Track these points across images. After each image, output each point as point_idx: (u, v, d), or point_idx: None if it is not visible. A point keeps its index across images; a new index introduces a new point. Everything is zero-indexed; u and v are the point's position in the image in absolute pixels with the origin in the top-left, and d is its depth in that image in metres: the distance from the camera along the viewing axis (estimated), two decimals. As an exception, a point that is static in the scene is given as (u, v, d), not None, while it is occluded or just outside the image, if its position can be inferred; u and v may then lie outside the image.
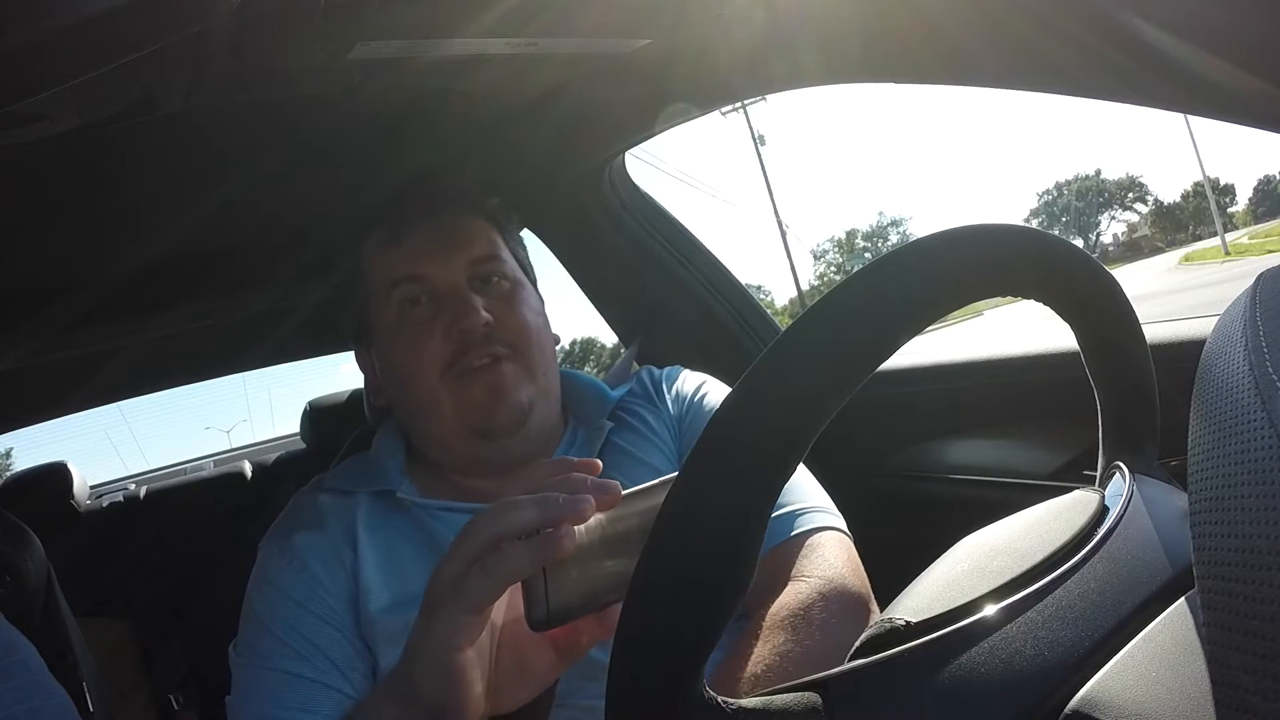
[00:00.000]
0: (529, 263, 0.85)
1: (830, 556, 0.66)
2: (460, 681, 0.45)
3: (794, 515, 0.69)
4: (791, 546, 0.67)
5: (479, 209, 0.82)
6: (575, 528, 0.43)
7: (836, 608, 0.61)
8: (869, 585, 0.65)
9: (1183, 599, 0.30)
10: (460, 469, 0.76)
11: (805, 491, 0.72)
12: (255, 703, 0.62)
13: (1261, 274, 0.28)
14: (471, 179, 1.09)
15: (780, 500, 0.69)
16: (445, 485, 0.76)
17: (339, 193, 1.07)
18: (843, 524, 0.70)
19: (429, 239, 0.77)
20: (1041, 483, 0.89)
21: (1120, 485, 0.39)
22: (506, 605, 0.48)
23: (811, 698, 0.31)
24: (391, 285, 0.76)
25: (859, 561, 0.67)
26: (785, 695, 0.31)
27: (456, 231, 0.78)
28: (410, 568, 0.69)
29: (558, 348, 0.83)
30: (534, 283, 0.84)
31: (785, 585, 0.64)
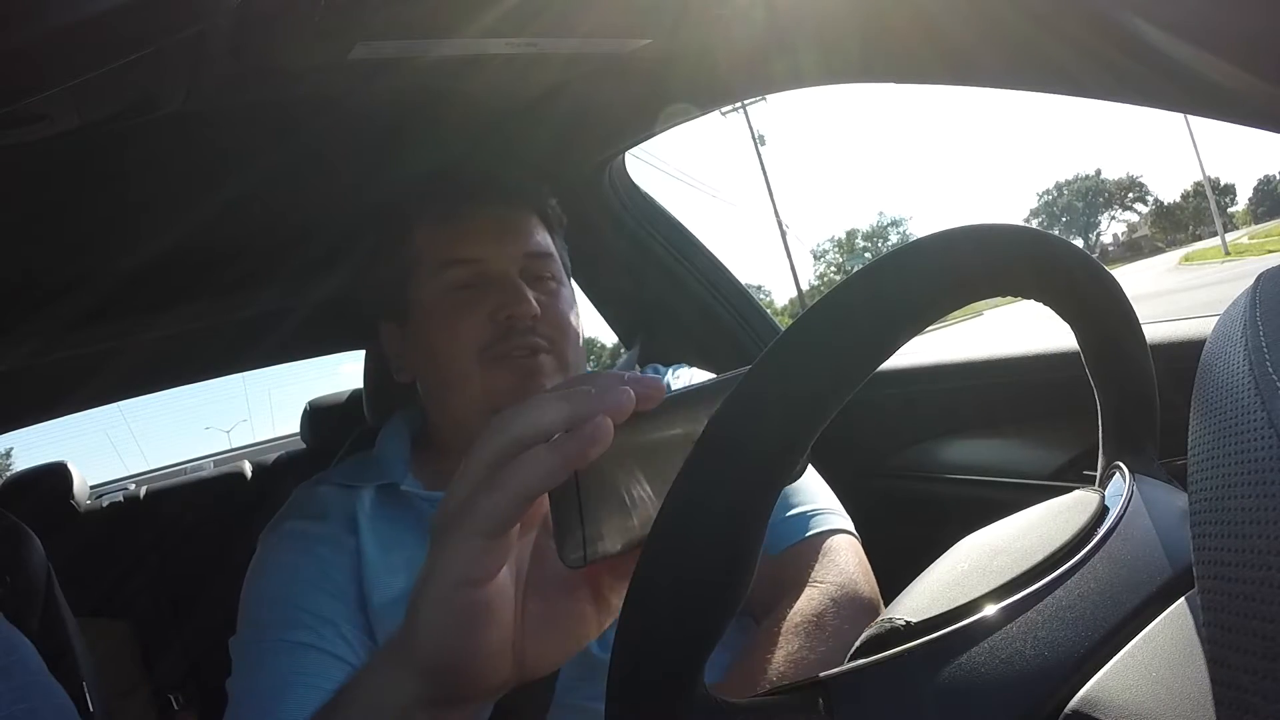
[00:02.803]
0: (569, 267, 0.85)
1: (842, 562, 0.66)
2: (471, 631, 0.36)
3: (808, 516, 0.69)
4: (805, 548, 0.67)
5: (538, 206, 0.82)
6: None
7: (849, 614, 0.61)
8: (878, 590, 0.65)
9: (1183, 599, 0.30)
10: None
11: (816, 493, 0.72)
12: (260, 676, 0.61)
13: (1261, 274, 0.28)
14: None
15: (793, 500, 0.70)
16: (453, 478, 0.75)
17: (339, 193, 1.07)
18: (852, 526, 0.71)
19: (490, 225, 0.77)
20: (1041, 483, 0.89)
21: (1120, 485, 0.39)
22: (534, 545, 0.40)
23: (812, 698, 0.31)
24: (444, 265, 0.75)
25: (869, 566, 0.67)
26: (785, 695, 0.31)
27: (516, 223, 0.78)
28: (414, 562, 0.67)
29: None
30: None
31: (798, 588, 0.63)
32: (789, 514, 0.69)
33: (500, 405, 0.72)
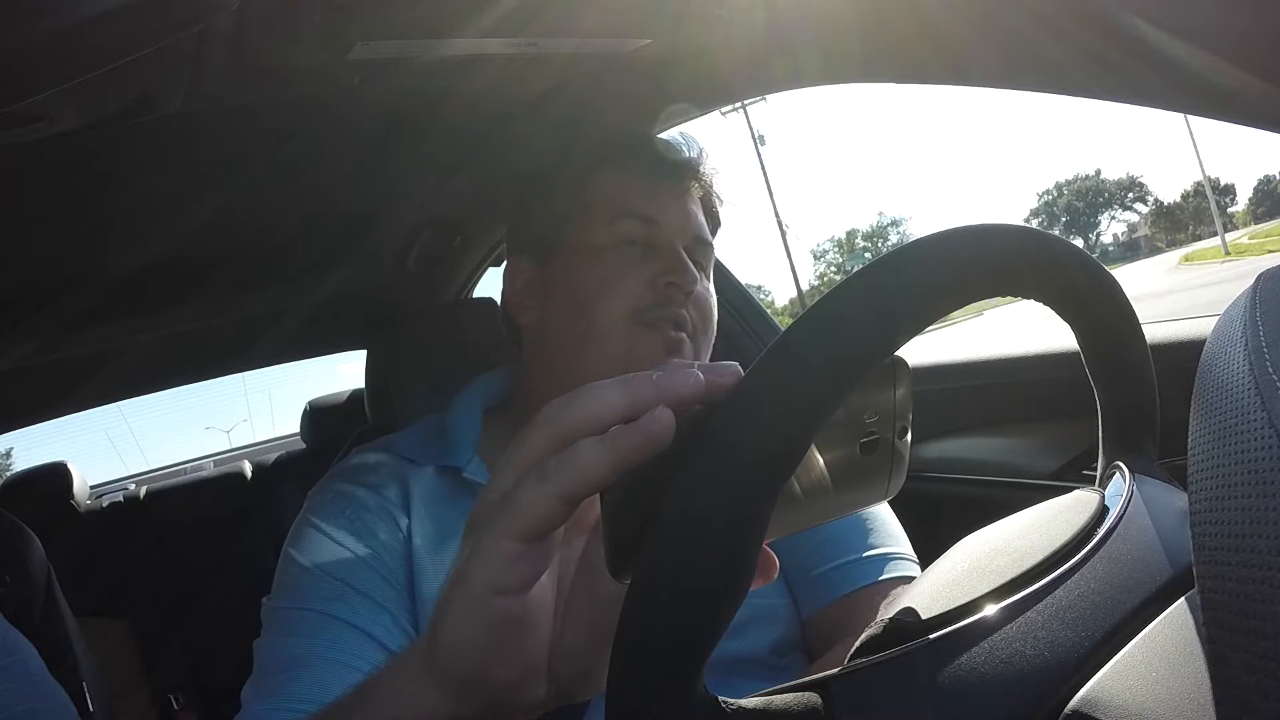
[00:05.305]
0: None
1: None
2: (501, 645, 0.31)
3: (885, 559, 0.68)
4: (876, 592, 0.66)
5: (710, 206, 0.81)
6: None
7: None
8: None
9: (1183, 599, 0.30)
10: None
11: (896, 536, 0.71)
12: (288, 645, 0.59)
13: (1261, 274, 0.28)
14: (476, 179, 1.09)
15: (872, 540, 0.69)
16: None
17: (339, 193, 1.07)
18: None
19: (674, 194, 0.75)
20: (1041, 483, 0.89)
21: (1120, 485, 0.39)
22: (583, 553, 0.36)
23: (811, 698, 0.31)
24: (620, 214, 0.73)
25: None
26: (785, 695, 0.31)
27: (695, 206, 0.77)
28: None
29: None
30: None
31: (859, 631, 0.62)
32: (866, 554, 0.68)
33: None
